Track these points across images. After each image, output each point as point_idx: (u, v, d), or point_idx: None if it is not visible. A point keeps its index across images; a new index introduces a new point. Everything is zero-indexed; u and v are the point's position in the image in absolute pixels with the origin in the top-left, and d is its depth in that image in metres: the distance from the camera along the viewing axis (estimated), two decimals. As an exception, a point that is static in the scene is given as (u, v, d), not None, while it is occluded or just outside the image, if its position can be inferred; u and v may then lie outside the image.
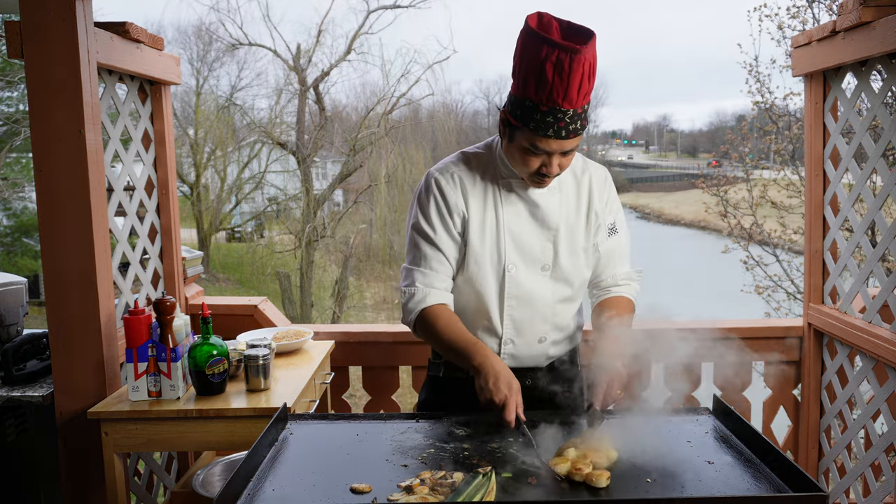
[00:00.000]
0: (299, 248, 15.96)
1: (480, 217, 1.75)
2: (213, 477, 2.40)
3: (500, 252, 1.75)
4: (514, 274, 1.75)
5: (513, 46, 1.61)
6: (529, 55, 1.55)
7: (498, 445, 1.53)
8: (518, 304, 1.77)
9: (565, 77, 1.51)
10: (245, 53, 19.46)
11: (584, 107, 1.58)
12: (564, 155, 1.62)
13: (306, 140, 16.41)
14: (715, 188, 8.91)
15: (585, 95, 1.56)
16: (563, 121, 1.55)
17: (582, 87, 1.53)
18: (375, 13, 16.36)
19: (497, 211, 1.75)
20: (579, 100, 1.55)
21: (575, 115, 1.56)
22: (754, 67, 8.01)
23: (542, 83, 1.53)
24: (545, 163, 1.62)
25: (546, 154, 1.61)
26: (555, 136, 1.57)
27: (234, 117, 19.38)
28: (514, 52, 1.60)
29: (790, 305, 8.17)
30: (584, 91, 1.55)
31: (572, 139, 1.59)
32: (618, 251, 1.86)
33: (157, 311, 2.07)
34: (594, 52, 1.55)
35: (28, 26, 2.04)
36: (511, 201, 1.76)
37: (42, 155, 2.09)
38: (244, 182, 20.85)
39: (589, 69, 1.53)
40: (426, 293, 1.74)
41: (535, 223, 1.76)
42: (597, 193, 1.82)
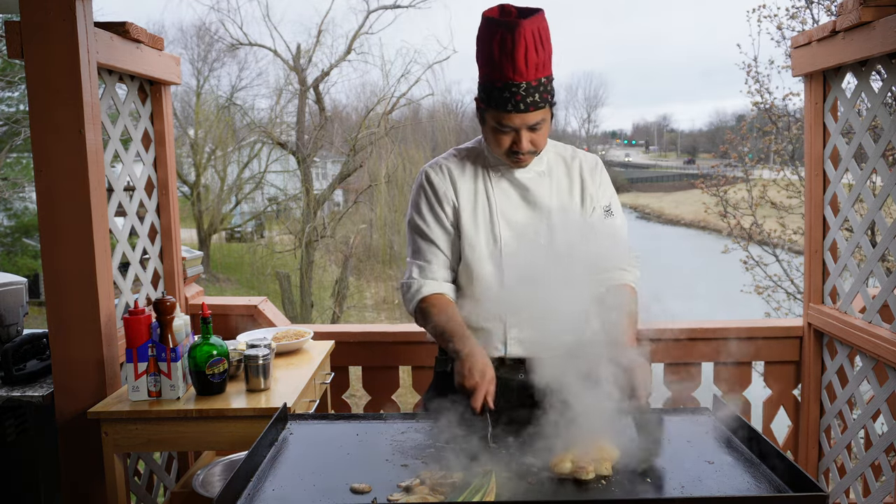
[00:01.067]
0: (299, 248, 15.95)
1: (472, 204, 1.80)
2: (213, 477, 2.40)
3: (495, 236, 1.78)
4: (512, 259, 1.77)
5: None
6: (481, 40, 1.65)
7: (498, 445, 1.53)
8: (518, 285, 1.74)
9: (509, 51, 1.59)
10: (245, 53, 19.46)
11: (541, 80, 1.63)
12: (533, 130, 1.68)
13: (306, 140, 16.41)
14: (714, 188, 8.91)
15: (537, 67, 1.61)
16: (519, 94, 1.62)
17: (529, 58, 1.59)
18: (375, 13, 16.36)
19: (489, 197, 1.80)
20: (529, 72, 1.60)
21: (530, 88, 1.61)
22: (753, 68, 8.01)
23: (492, 62, 1.62)
24: (515, 139, 1.69)
25: (513, 130, 1.67)
26: (514, 110, 1.63)
27: (234, 117, 19.37)
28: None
29: (790, 305, 8.16)
30: (532, 62, 1.60)
31: (532, 112, 1.64)
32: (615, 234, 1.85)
33: (157, 311, 2.07)
34: (538, 25, 1.61)
35: (28, 26, 2.04)
36: (502, 187, 1.81)
37: (42, 155, 2.09)
38: (244, 182, 20.85)
39: (533, 40, 1.59)
40: (422, 284, 1.79)
41: (527, 206, 1.80)
42: (588, 176, 1.85)
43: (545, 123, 1.70)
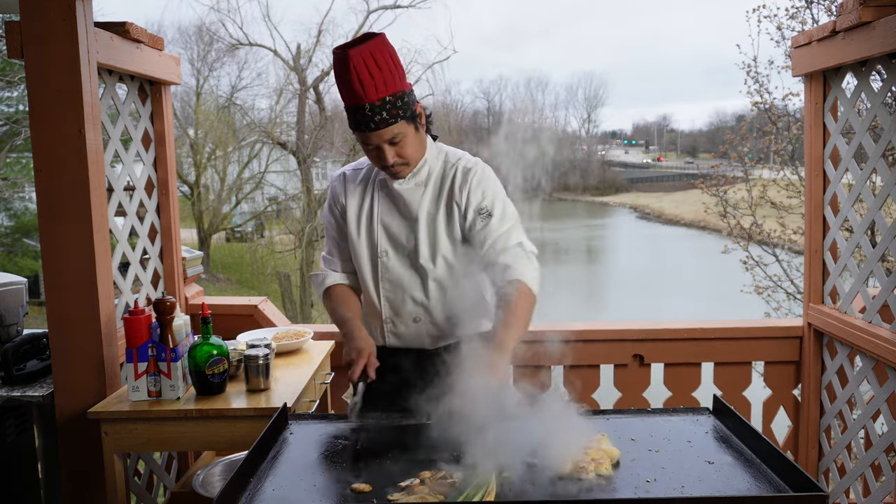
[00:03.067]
0: (299, 247, 15.96)
1: (357, 210, 1.98)
2: (213, 477, 2.40)
3: (373, 240, 1.96)
4: (386, 260, 1.95)
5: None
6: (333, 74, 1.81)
7: (498, 446, 1.53)
8: (391, 287, 1.96)
9: (352, 78, 1.72)
10: (245, 53, 19.47)
11: (385, 98, 1.73)
12: (393, 144, 1.80)
13: (306, 140, 16.42)
14: (714, 188, 8.91)
15: (377, 88, 1.72)
16: (365, 115, 1.74)
17: (364, 81, 1.71)
18: (375, 13, 16.38)
19: (373, 205, 1.97)
20: (368, 94, 1.72)
21: (373, 108, 1.73)
22: (753, 68, 8.01)
23: (340, 90, 1.78)
24: (379, 154, 1.82)
25: (375, 147, 1.80)
26: (366, 130, 1.76)
27: (234, 117, 19.38)
28: None
29: (790, 305, 8.16)
30: (367, 85, 1.72)
31: (383, 129, 1.76)
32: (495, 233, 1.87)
33: (157, 311, 2.07)
34: (369, 49, 1.72)
35: (28, 26, 2.04)
36: (384, 196, 1.96)
37: (42, 155, 2.09)
38: (244, 182, 20.84)
39: (364, 65, 1.71)
40: (325, 276, 2.04)
41: (400, 215, 1.95)
42: (457, 185, 1.91)
43: (406, 136, 1.81)
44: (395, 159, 1.82)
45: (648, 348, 2.82)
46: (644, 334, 2.82)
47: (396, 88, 1.76)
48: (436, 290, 1.94)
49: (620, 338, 2.82)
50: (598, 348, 2.82)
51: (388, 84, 1.74)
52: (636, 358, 2.83)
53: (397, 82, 1.76)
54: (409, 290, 1.95)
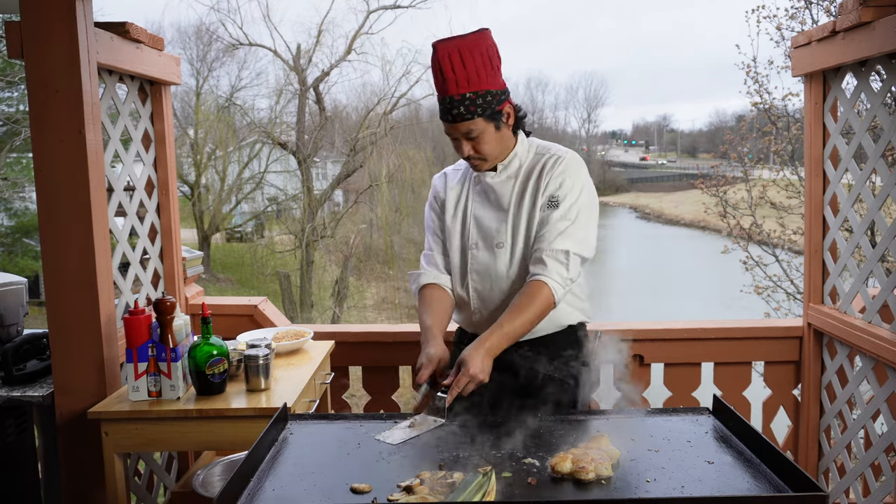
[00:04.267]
0: (299, 248, 15.96)
1: (454, 204, 2.07)
2: (213, 477, 2.40)
3: (465, 232, 2.04)
4: (476, 252, 2.01)
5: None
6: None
7: (498, 446, 1.54)
8: (479, 278, 2.01)
9: (436, 70, 1.84)
10: (245, 53, 19.46)
11: (466, 94, 1.82)
12: (470, 139, 1.88)
13: (306, 140, 16.42)
14: (714, 188, 8.91)
15: (459, 83, 1.82)
16: (446, 106, 1.86)
17: (446, 75, 1.82)
18: (376, 13, 16.37)
19: (468, 199, 2.05)
20: (450, 86, 1.83)
21: (453, 101, 1.83)
22: (752, 68, 8.01)
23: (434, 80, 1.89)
24: (456, 146, 1.92)
25: (454, 138, 1.91)
26: (445, 120, 1.89)
27: (234, 117, 19.37)
28: None
29: (790, 305, 8.16)
30: (450, 78, 1.82)
31: (460, 123, 1.86)
32: (554, 225, 1.89)
33: (157, 311, 2.07)
34: (458, 45, 1.81)
35: (28, 26, 2.04)
36: (477, 191, 2.04)
37: (42, 155, 2.09)
38: (244, 182, 20.84)
39: (450, 60, 1.81)
40: (421, 274, 2.09)
41: (492, 207, 2.01)
42: (545, 172, 1.95)
43: (484, 133, 1.88)
44: (470, 153, 1.91)
45: (648, 348, 2.82)
46: (644, 334, 2.82)
47: (480, 87, 1.83)
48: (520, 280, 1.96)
49: (620, 338, 2.82)
50: (598, 348, 2.81)
51: (470, 82, 1.82)
52: (636, 358, 2.83)
53: (482, 81, 1.83)
54: (497, 281, 1.98)
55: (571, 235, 1.88)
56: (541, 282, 1.84)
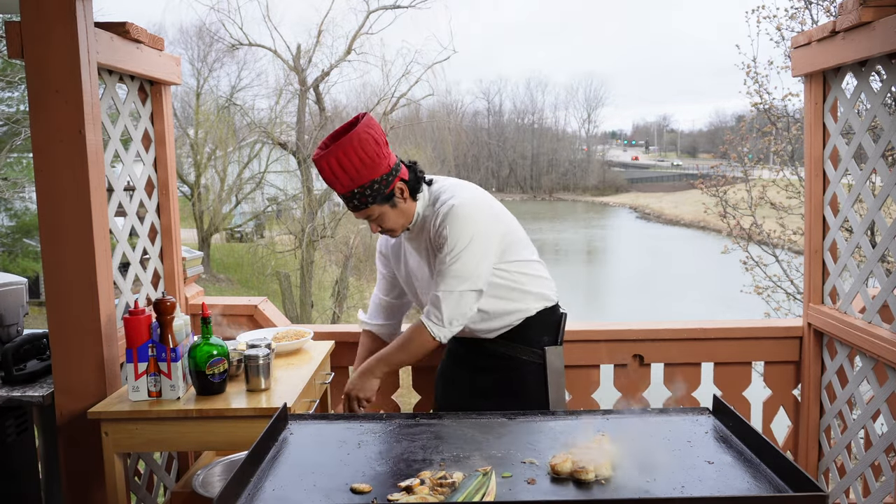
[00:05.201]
0: (299, 248, 15.97)
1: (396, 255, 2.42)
2: (213, 477, 2.40)
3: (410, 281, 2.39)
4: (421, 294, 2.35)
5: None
6: None
7: (498, 446, 1.54)
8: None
9: (324, 178, 2.11)
10: (245, 54, 19.49)
11: (354, 190, 2.07)
12: (373, 220, 2.16)
13: (306, 140, 16.42)
14: (714, 189, 8.91)
15: (343, 183, 2.06)
16: (344, 201, 2.15)
17: (331, 181, 2.08)
18: (375, 13, 16.37)
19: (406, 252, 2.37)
20: (338, 186, 2.08)
21: (346, 197, 2.11)
22: (752, 69, 8.01)
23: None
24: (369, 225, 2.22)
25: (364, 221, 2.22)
26: (350, 210, 2.17)
27: (234, 117, 19.38)
28: None
29: (790, 306, 8.16)
30: (336, 183, 2.07)
31: (361, 211, 2.13)
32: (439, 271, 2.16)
33: (157, 311, 2.07)
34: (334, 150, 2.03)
35: (28, 26, 2.04)
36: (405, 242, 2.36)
37: (42, 155, 2.09)
38: (244, 182, 20.85)
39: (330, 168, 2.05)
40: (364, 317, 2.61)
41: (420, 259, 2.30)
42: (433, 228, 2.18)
43: (383, 213, 2.14)
44: (378, 230, 2.20)
45: (648, 348, 2.82)
46: (644, 334, 2.82)
47: (363, 181, 2.07)
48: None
49: (620, 338, 2.82)
50: (598, 348, 2.81)
51: (353, 179, 2.06)
52: (636, 358, 2.83)
53: (363, 176, 2.06)
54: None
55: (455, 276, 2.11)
56: (420, 323, 2.18)
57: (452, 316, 2.14)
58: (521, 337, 2.29)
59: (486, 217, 2.18)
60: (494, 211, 2.25)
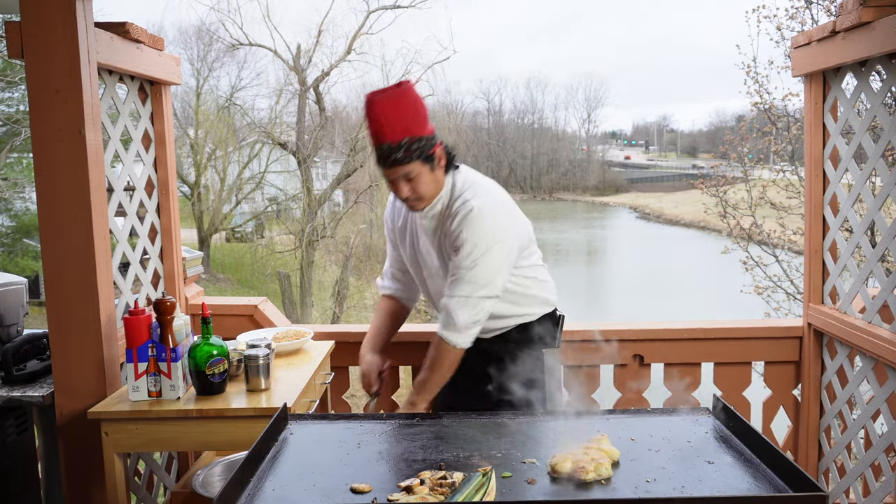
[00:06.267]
0: (299, 248, 15.96)
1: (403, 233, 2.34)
2: (213, 477, 2.40)
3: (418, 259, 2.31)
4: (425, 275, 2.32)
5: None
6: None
7: (498, 446, 1.54)
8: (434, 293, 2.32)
9: (369, 119, 2.03)
10: (245, 54, 19.49)
11: (402, 140, 1.99)
12: (408, 181, 2.05)
13: (306, 140, 16.42)
14: (714, 189, 8.91)
15: (394, 130, 1.99)
16: (382, 152, 2.02)
17: (382, 123, 1.99)
18: (375, 13, 16.37)
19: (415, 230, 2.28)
20: (387, 134, 1.99)
21: (390, 148, 2.00)
22: (752, 68, 8.01)
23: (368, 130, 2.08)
24: (397, 189, 2.08)
25: (392, 181, 2.07)
26: (383, 166, 2.05)
27: (234, 117, 19.38)
28: None
29: (790, 306, 8.16)
30: (386, 126, 1.99)
31: (397, 167, 2.02)
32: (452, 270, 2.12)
33: (157, 311, 2.07)
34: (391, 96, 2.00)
35: (28, 26, 2.04)
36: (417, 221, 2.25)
37: (42, 155, 2.09)
38: (244, 182, 20.85)
39: (384, 110, 1.99)
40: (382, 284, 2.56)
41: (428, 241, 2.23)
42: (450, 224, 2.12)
43: (420, 174, 2.05)
44: (409, 194, 2.07)
45: (648, 348, 2.82)
46: (644, 334, 2.82)
47: (413, 133, 2.00)
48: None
49: (620, 338, 2.82)
50: (598, 348, 2.81)
51: (405, 128, 1.99)
52: (636, 358, 2.83)
53: (415, 128, 2.01)
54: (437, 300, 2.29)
55: (472, 282, 2.08)
56: (438, 337, 2.13)
57: (469, 322, 2.10)
58: (521, 339, 2.27)
59: (507, 223, 2.14)
60: (513, 215, 2.21)
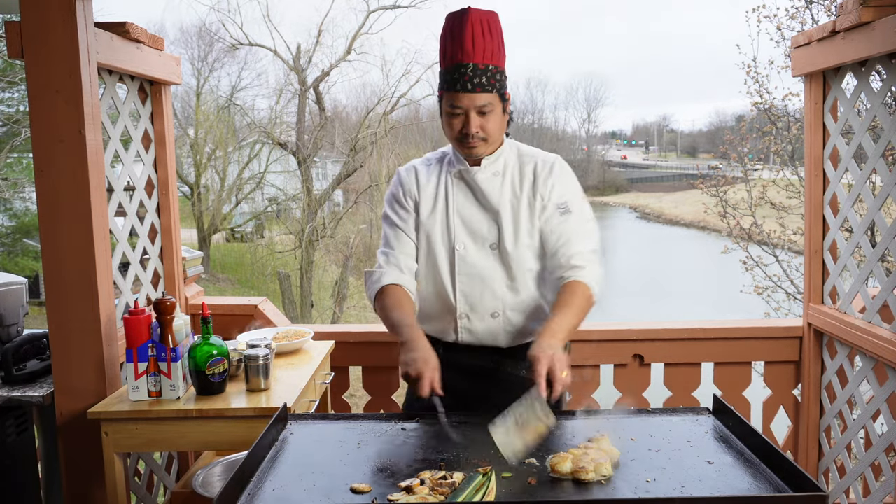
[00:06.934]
0: (299, 248, 15.96)
1: (432, 201, 1.94)
2: (213, 477, 2.40)
3: (449, 232, 1.92)
4: (463, 252, 1.91)
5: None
6: (441, 33, 1.84)
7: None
8: (469, 280, 1.90)
9: (457, 34, 1.78)
10: (245, 54, 19.49)
11: (489, 66, 1.78)
12: (482, 114, 1.80)
13: (306, 140, 16.42)
14: (714, 188, 8.91)
15: (484, 52, 1.77)
16: (466, 74, 1.77)
17: (476, 41, 1.76)
18: (376, 13, 16.37)
19: (448, 196, 1.93)
20: (476, 54, 1.77)
21: (476, 69, 1.77)
22: (753, 68, 8.01)
23: (445, 48, 1.82)
24: (464, 122, 1.81)
25: (463, 113, 1.80)
26: (462, 90, 1.77)
27: (234, 117, 19.38)
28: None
29: (790, 306, 8.16)
30: (479, 45, 1.77)
31: (479, 93, 1.78)
32: (573, 231, 1.88)
33: (157, 311, 2.07)
34: (487, 16, 1.79)
35: (28, 26, 2.04)
36: (460, 187, 1.94)
37: (42, 155, 2.09)
38: (244, 182, 20.85)
39: (480, 27, 1.76)
40: (383, 273, 1.92)
41: (479, 206, 1.91)
42: (541, 177, 1.90)
43: (495, 111, 1.82)
44: (477, 130, 1.81)
45: (648, 348, 2.82)
46: (644, 334, 2.82)
47: (499, 62, 1.81)
48: (518, 282, 1.90)
49: (620, 338, 2.82)
50: (598, 348, 2.82)
51: (494, 53, 1.79)
52: (636, 358, 2.83)
53: (502, 58, 1.81)
54: (490, 283, 1.89)
55: (593, 235, 1.89)
56: (579, 281, 1.80)
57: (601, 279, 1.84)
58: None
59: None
60: None
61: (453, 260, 1.91)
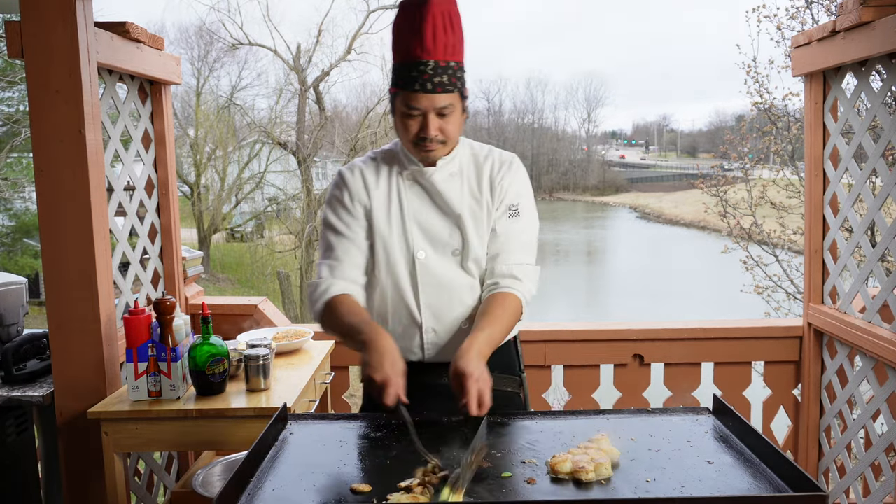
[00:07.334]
0: (299, 247, 15.97)
1: (385, 207, 1.75)
2: (213, 477, 2.40)
3: (407, 239, 1.74)
4: (425, 261, 1.74)
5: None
6: (395, 24, 1.65)
7: (498, 446, 1.53)
8: (433, 291, 1.74)
9: (417, 28, 1.59)
10: (245, 53, 19.50)
11: (450, 62, 1.62)
12: (441, 116, 1.64)
13: (306, 140, 16.42)
14: (714, 188, 8.91)
15: (445, 48, 1.60)
16: (426, 73, 1.60)
17: (437, 36, 1.59)
18: (375, 13, 16.38)
19: (401, 200, 1.75)
20: (438, 51, 1.60)
21: (438, 67, 1.60)
22: (753, 68, 8.02)
23: (401, 41, 1.63)
24: (422, 124, 1.64)
25: (421, 114, 1.64)
26: (420, 90, 1.60)
27: (234, 117, 19.40)
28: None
29: (790, 305, 8.17)
30: (440, 42, 1.60)
31: (440, 94, 1.61)
32: (517, 237, 1.75)
33: (157, 311, 2.07)
34: (448, 7, 1.61)
35: (28, 26, 2.04)
36: (415, 191, 1.76)
37: (42, 155, 2.09)
38: (244, 182, 20.86)
39: (442, 20, 1.59)
40: (330, 284, 1.74)
41: (438, 210, 1.75)
42: (499, 176, 1.77)
43: (454, 112, 1.66)
44: (437, 133, 1.65)
45: (648, 348, 2.82)
46: (644, 334, 2.82)
47: (459, 57, 1.65)
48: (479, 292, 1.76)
49: (620, 338, 2.82)
50: (598, 348, 2.82)
51: (455, 49, 1.63)
52: (636, 358, 2.83)
53: (462, 52, 1.65)
54: (457, 291, 1.75)
55: (534, 247, 1.78)
56: (514, 295, 1.69)
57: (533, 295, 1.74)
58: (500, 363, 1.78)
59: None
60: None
61: (414, 270, 1.74)
